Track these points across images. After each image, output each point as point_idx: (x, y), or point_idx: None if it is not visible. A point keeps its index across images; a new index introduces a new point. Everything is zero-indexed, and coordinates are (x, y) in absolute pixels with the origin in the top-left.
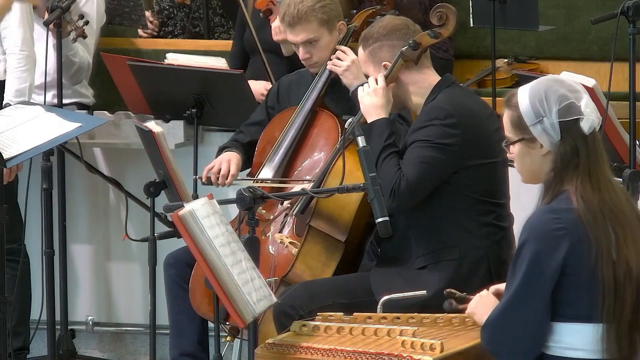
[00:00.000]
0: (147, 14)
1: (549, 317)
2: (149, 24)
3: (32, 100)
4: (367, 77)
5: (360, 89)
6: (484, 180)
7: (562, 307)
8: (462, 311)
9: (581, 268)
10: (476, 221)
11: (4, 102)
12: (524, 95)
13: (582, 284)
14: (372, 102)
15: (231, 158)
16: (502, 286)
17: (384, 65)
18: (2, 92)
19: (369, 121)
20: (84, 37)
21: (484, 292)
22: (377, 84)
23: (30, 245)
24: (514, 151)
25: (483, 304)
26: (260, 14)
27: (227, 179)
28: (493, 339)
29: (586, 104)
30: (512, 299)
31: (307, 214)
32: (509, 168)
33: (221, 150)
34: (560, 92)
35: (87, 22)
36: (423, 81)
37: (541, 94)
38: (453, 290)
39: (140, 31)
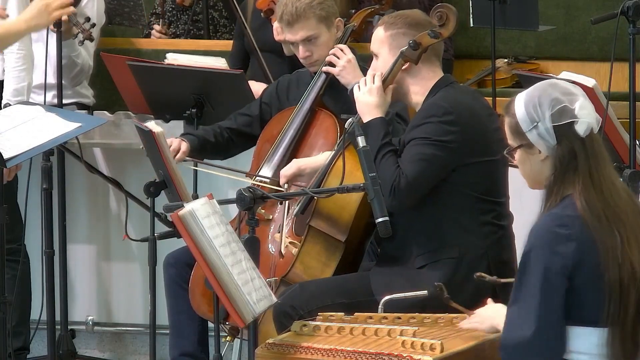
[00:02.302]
0: (157, 27)
1: (564, 324)
2: (156, 33)
3: (31, 100)
4: (366, 72)
5: (355, 88)
6: (483, 178)
7: (568, 311)
8: (450, 307)
9: (589, 273)
10: (476, 220)
11: (3, 102)
12: (520, 101)
13: (590, 288)
14: (367, 101)
15: (182, 141)
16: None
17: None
18: (0, 92)
19: (364, 121)
20: (91, 39)
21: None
22: (372, 83)
23: (30, 245)
24: (516, 158)
25: (490, 315)
26: (262, 14)
27: (176, 155)
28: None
29: (581, 106)
30: (531, 315)
31: (307, 214)
32: (510, 168)
33: (183, 135)
34: (553, 96)
35: (94, 25)
36: (427, 80)
37: (535, 99)
38: (484, 275)
39: (153, 33)
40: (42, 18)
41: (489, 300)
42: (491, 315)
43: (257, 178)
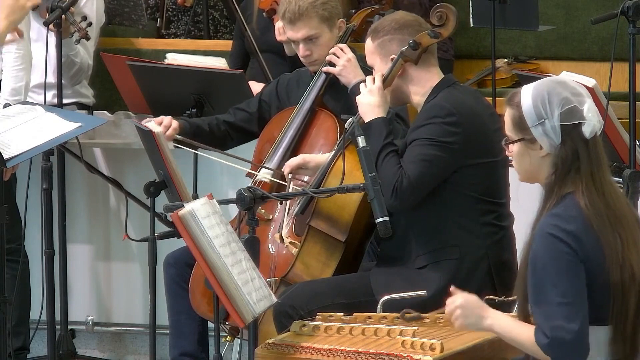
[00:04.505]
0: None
1: None
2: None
3: (31, 100)
4: (369, 72)
5: (361, 87)
6: (485, 179)
7: None
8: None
9: (594, 271)
10: (476, 221)
11: (1, 101)
12: (527, 95)
13: (595, 287)
14: (369, 101)
15: (173, 119)
16: None
17: (391, 59)
18: None
19: (366, 121)
20: (87, 38)
21: (459, 300)
22: (374, 83)
23: (30, 245)
24: (513, 150)
25: (471, 309)
26: (264, 14)
27: (168, 130)
28: (571, 350)
29: (588, 108)
30: (571, 308)
31: (307, 213)
32: (510, 168)
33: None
34: (563, 95)
35: (90, 24)
36: (426, 80)
37: (544, 95)
38: (410, 310)
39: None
40: (18, 11)
41: (452, 287)
42: (473, 308)
43: (258, 171)
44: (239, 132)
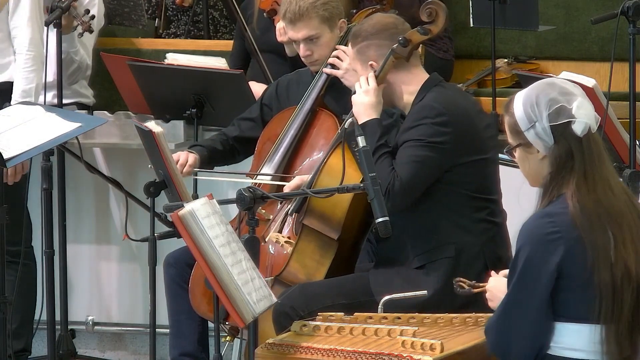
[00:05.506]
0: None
1: (547, 318)
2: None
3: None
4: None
5: (355, 86)
6: (476, 176)
7: (560, 308)
8: (474, 293)
9: (577, 271)
10: (470, 218)
11: (12, 103)
12: (519, 101)
13: (579, 287)
14: (363, 102)
15: (190, 153)
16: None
17: (371, 65)
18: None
19: (360, 121)
20: (90, 31)
21: (491, 282)
22: (368, 84)
23: None
24: (516, 156)
25: (499, 288)
26: (265, 14)
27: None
28: (495, 343)
29: (578, 106)
30: (508, 303)
31: (302, 212)
32: (503, 167)
33: (191, 147)
34: (550, 96)
35: (93, 17)
36: (413, 80)
37: (532, 99)
38: (463, 280)
39: None
40: None
41: (492, 272)
42: (500, 293)
43: (255, 178)
44: (246, 143)
